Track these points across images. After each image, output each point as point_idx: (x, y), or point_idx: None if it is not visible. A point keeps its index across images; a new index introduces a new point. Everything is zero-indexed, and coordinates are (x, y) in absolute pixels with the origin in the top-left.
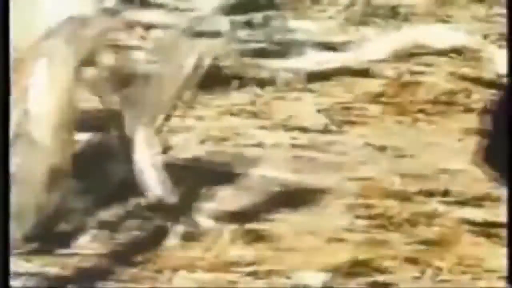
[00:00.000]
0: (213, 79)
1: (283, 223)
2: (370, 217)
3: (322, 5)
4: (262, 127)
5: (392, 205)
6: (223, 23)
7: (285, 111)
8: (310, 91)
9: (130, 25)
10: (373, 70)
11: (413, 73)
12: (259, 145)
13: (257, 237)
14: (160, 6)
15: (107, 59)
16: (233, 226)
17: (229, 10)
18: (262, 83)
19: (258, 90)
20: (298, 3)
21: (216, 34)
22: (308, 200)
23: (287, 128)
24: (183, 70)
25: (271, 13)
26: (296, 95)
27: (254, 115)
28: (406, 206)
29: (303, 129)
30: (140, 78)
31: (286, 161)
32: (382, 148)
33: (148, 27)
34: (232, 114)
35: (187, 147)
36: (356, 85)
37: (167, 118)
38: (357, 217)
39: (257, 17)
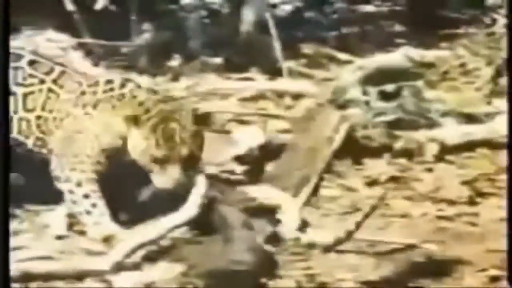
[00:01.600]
0: (361, 150)
1: None
2: None
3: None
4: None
5: None
6: (368, 93)
7: (431, 183)
8: (453, 162)
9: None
10: None
11: None
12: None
13: None
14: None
15: None
16: None
17: (371, 81)
18: (409, 154)
19: (405, 161)
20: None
21: (358, 104)
22: (451, 271)
23: (434, 200)
24: (333, 142)
25: (411, 83)
26: (441, 166)
27: (402, 185)
28: None
29: (449, 201)
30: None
31: (432, 232)
32: None
33: (296, 96)
34: (378, 184)
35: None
36: (498, 157)
37: (315, 189)
38: None
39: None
